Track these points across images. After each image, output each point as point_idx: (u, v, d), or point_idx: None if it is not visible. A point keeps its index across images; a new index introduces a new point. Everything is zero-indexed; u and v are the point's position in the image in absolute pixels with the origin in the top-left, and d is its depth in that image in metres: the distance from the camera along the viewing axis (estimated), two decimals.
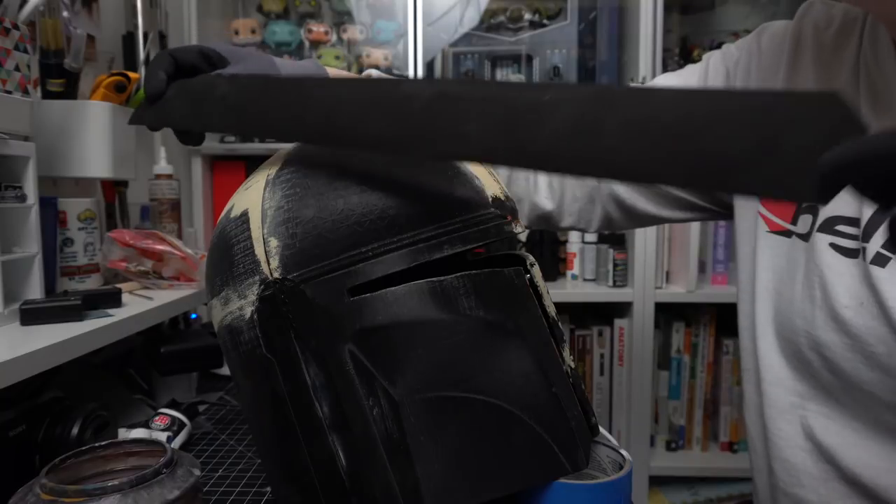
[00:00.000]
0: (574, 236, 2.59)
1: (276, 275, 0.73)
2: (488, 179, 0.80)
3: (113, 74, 1.49)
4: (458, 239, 0.74)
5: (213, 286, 0.81)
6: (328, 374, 0.71)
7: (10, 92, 1.15)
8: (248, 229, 0.75)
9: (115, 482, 0.69)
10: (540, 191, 1.17)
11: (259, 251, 0.74)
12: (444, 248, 0.73)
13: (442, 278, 0.73)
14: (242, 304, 0.75)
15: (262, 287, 0.73)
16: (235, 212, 0.78)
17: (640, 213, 1.13)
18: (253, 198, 0.77)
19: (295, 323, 0.72)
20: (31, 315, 1.13)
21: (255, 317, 0.74)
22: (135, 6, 2.02)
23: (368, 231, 0.72)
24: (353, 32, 2.50)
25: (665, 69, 2.56)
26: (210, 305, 0.83)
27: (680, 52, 2.71)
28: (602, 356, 2.56)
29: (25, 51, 1.18)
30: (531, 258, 0.83)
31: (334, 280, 0.71)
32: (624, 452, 0.79)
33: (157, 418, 1.26)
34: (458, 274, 0.74)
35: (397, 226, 0.72)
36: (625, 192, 1.12)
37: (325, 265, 0.72)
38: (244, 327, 0.76)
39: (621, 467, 0.78)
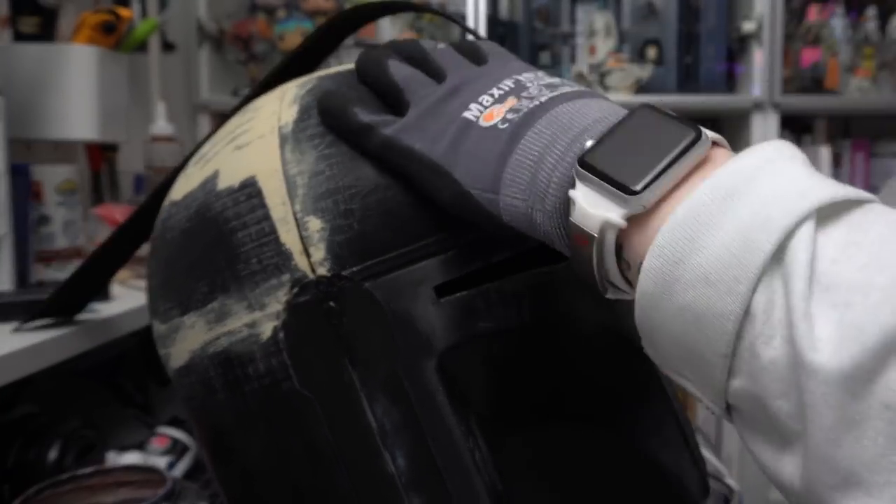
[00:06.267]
0: None
1: (323, 271, 0.64)
2: None
3: (100, 11, 1.49)
4: None
5: (187, 296, 0.71)
6: (406, 410, 0.64)
7: None
8: (263, 206, 0.66)
9: None
10: None
11: (289, 237, 0.65)
12: None
13: (554, 267, 0.67)
14: (255, 318, 0.67)
15: (294, 290, 0.65)
16: (227, 181, 0.69)
17: None
18: (259, 160, 0.68)
19: (352, 341, 0.64)
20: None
21: (281, 336, 0.66)
22: None
23: None
24: None
25: (788, 2, 2.52)
26: (174, 327, 0.72)
27: None
28: None
29: None
30: None
31: (415, 274, 0.64)
32: (731, 482, 0.79)
33: (154, 439, 1.25)
34: None
35: None
36: None
37: (402, 254, 0.64)
38: (257, 353, 0.67)
39: (727, 501, 0.77)
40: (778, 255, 0.43)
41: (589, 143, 0.52)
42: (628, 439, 0.68)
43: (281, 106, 0.70)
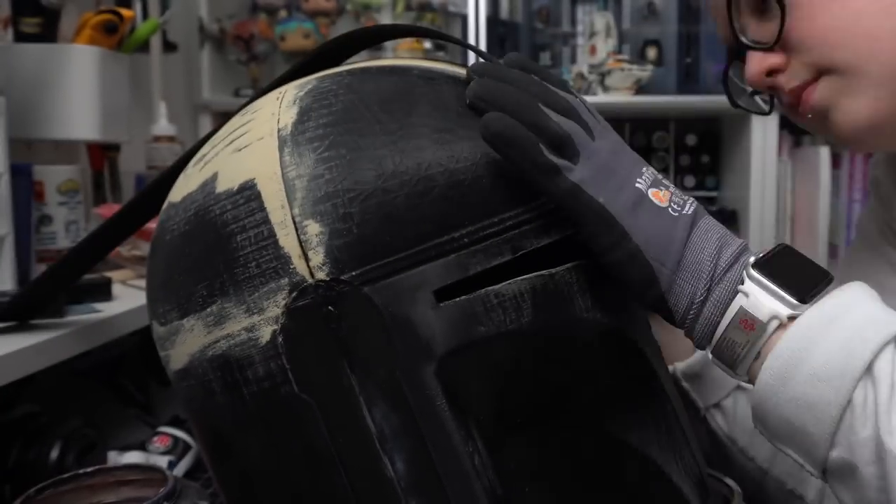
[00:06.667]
0: None
1: (322, 275, 0.63)
2: None
3: (102, 12, 1.48)
4: (565, 219, 0.67)
5: (186, 298, 0.69)
6: (406, 415, 0.64)
7: None
8: (262, 209, 0.65)
9: None
10: None
11: (287, 242, 0.64)
12: (551, 232, 0.67)
13: (552, 271, 0.66)
14: (254, 322, 0.66)
15: (293, 294, 0.64)
16: (226, 183, 0.68)
17: None
18: (258, 163, 0.67)
19: (351, 345, 0.64)
20: (1, 311, 1.11)
21: (280, 340, 0.65)
22: None
23: (460, 206, 0.64)
24: None
25: None
26: (173, 329, 0.71)
27: None
28: None
29: None
30: None
31: (414, 279, 0.63)
32: (731, 482, 0.78)
33: (155, 439, 1.25)
34: (570, 265, 0.67)
35: (495, 201, 0.65)
36: None
37: (402, 258, 0.63)
38: (256, 357, 0.66)
39: (727, 501, 0.77)
40: (869, 366, 0.62)
41: (752, 259, 0.66)
42: (629, 441, 0.68)
43: (280, 108, 0.69)
